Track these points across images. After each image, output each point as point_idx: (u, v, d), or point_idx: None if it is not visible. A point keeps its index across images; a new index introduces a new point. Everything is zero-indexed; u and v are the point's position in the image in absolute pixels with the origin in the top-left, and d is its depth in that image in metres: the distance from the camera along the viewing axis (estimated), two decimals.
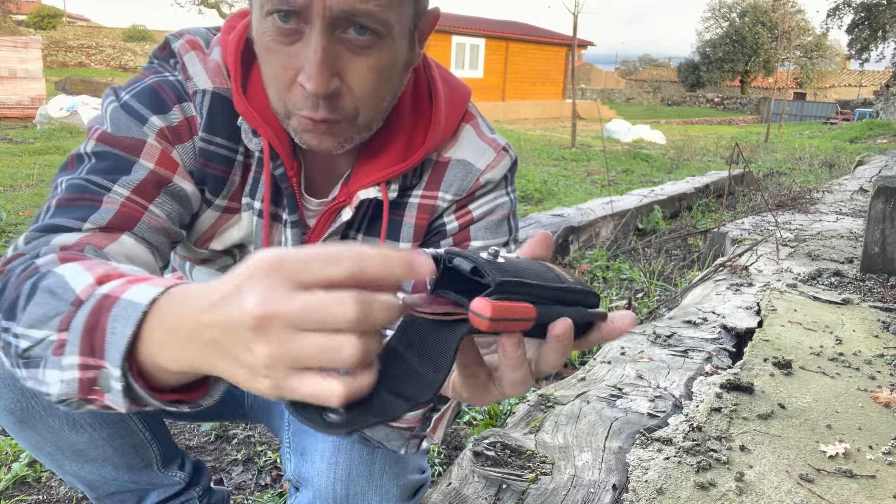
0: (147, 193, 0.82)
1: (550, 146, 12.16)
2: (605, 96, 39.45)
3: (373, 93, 0.79)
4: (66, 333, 0.55)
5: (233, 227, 0.95)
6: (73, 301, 0.57)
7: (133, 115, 0.84)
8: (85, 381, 0.54)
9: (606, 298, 3.25)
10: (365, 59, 0.76)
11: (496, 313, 0.46)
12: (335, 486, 0.97)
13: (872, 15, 29.10)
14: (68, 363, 0.55)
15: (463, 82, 1.01)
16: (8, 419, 0.95)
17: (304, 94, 0.76)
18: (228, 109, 0.88)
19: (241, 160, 0.91)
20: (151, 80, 0.87)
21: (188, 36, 0.90)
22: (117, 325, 0.52)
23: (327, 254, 0.44)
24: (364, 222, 0.97)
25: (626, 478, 1.34)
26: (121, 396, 0.52)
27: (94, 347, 0.53)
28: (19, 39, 10.70)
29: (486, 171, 0.96)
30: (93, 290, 0.57)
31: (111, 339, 0.52)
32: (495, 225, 0.98)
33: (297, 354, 0.44)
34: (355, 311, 0.43)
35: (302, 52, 0.74)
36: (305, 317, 0.43)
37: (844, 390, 1.81)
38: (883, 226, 3.05)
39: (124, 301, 0.53)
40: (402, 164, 0.91)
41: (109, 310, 0.53)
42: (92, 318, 0.54)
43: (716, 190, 6.47)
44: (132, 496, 1.13)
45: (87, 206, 0.77)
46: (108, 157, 0.81)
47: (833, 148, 13.34)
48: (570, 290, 0.54)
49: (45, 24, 33.86)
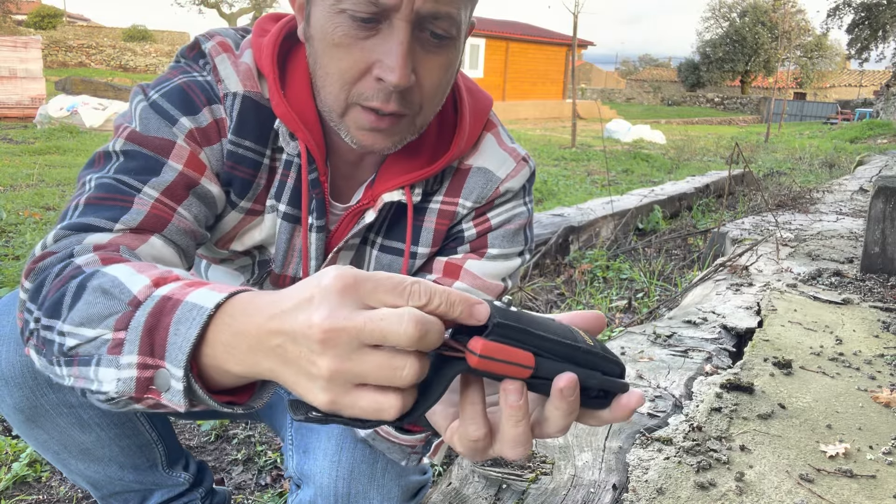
0: (176, 195, 0.82)
1: (550, 146, 12.16)
2: (605, 96, 39.46)
3: (438, 90, 0.83)
4: (123, 333, 0.56)
5: (255, 228, 0.95)
6: (131, 301, 0.57)
7: (162, 115, 0.84)
8: (143, 379, 0.54)
9: (606, 298, 3.26)
10: (436, 58, 0.79)
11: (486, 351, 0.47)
12: (337, 484, 0.97)
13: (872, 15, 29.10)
14: (126, 362, 0.55)
15: (485, 91, 1.02)
16: (17, 417, 0.95)
17: (377, 87, 0.77)
18: (257, 113, 0.88)
19: (268, 164, 0.92)
20: (180, 79, 0.87)
21: (219, 38, 0.89)
22: (181, 326, 0.53)
23: (398, 283, 0.47)
24: (384, 225, 0.98)
25: (626, 478, 1.34)
26: (181, 396, 0.53)
27: (153, 347, 0.54)
28: (19, 39, 10.70)
29: (505, 181, 0.98)
30: (151, 292, 0.57)
31: (173, 339, 0.53)
32: (512, 234, 0.99)
33: (360, 370, 0.46)
34: (417, 331, 0.45)
35: (379, 46, 0.76)
36: (370, 330, 0.45)
37: (844, 390, 1.81)
38: (883, 226, 3.05)
39: (188, 304, 0.54)
40: (427, 170, 0.92)
41: (172, 311, 0.54)
42: (152, 319, 0.55)
43: (716, 190, 6.47)
44: (136, 496, 1.14)
45: (118, 207, 0.77)
46: (137, 157, 0.81)
47: (833, 148, 13.34)
48: (588, 353, 0.52)
49: (45, 24, 33.86)
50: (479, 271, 0.97)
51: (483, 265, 0.97)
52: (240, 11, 33.78)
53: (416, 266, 1.00)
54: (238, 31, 0.93)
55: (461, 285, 0.96)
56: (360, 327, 0.45)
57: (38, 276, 0.68)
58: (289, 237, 0.95)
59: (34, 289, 0.67)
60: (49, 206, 4.56)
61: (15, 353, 0.91)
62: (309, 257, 0.95)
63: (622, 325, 2.77)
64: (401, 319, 0.45)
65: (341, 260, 0.98)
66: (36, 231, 3.75)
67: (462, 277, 0.96)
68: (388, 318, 0.45)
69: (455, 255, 0.98)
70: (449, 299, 0.47)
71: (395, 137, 0.83)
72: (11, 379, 0.92)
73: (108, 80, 16.27)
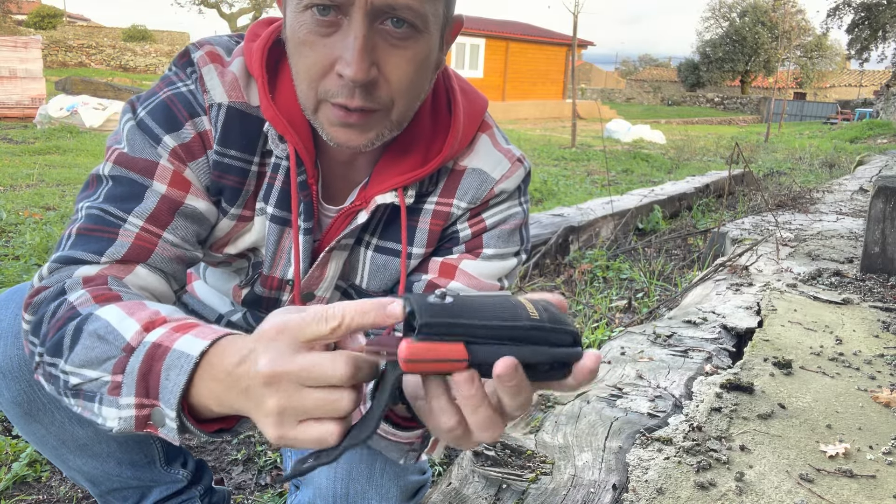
0: (161, 221, 0.85)
1: (550, 146, 12.16)
2: (605, 96, 39.45)
3: (408, 85, 0.81)
4: (120, 376, 0.64)
5: (246, 232, 0.96)
6: (125, 347, 0.65)
7: (147, 134, 0.87)
8: (141, 417, 0.63)
9: (606, 298, 3.25)
10: (402, 52, 0.78)
11: (412, 355, 0.49)
12: (336, 485, 0.97)
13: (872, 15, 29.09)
14: (125, 403, 0.63)
15: (480, 92, 1.02)
16: (15, 411, 0.96)
17: (340, 83, 0.77)
18: (242, 122, 0.89)
19: (256, 170, 0.93)
20: (165, 94, 0.89)
21: (208, 47, 0.90)
22: (171, 373, 0.61)
23: (319, 314, 0.53)
24: (379, 227, 0.99)
25: (626, 478, 1.34)
26: (175, 432, 0.61)
27: (148, 390, 0.62)
28: (19, 39, 10.70)
29: (500, 181, 0.98)
30: (142, 338, 0.65)
31: (165, 384, 0.61)
32: (507, 234, 1.00)
33: (303, 406, 0.53)
34: (349, 370, 0.53)
35: (340, 42, 0.76)
36: (307, 375, 0.53)
37: (844, 390, 1.81)
38: (883, 226, 3.05)
39: (176, 352, 0.61)
40: (420, 171, 0.92)
41: (162, 358, 0.62)
42: (145, 365, 0.62)
43: (716, 190, 6.47)
44: (134, 493, 1.14)
45: (104, 239, 0.82)
46: (123, 182, 0.85)
47: (833, 148, 13.34)
48: (532, 328, 0.52)
49: (45, 24, 33.86)
50: (475, 271, 0.97)
51: (478, 265, 0.98)
52: (239, 11, 33.75)
53: (410, 267, 1.00)
54: (233, 37, 0.94)
55: (457, 285, 0.96)
56: (297, 371, 0.53)
57: (37, 312, 0.76)
58: (277, 239, 0.96)
59: (34, 323, 0.75)
60: (49, 206, 4.56)
61: (13, 346, 0.92)
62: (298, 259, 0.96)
63: (622, 325, 2.77)
64: (334, 363, 0.52)
65: (334, 259, 0.98)
66: (36, 231, 3.75)
67: (457, 277, 0.97)
68: (322, 363, 0.53)
69: (451, 255, 0.98)
70: (361, 309, 0.53)
71: (371, 133, 0.82)
72: (9, 373, 0.92)
73: (108, 80, 16.27)
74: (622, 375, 1.87)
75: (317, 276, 0.99)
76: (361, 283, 1.02)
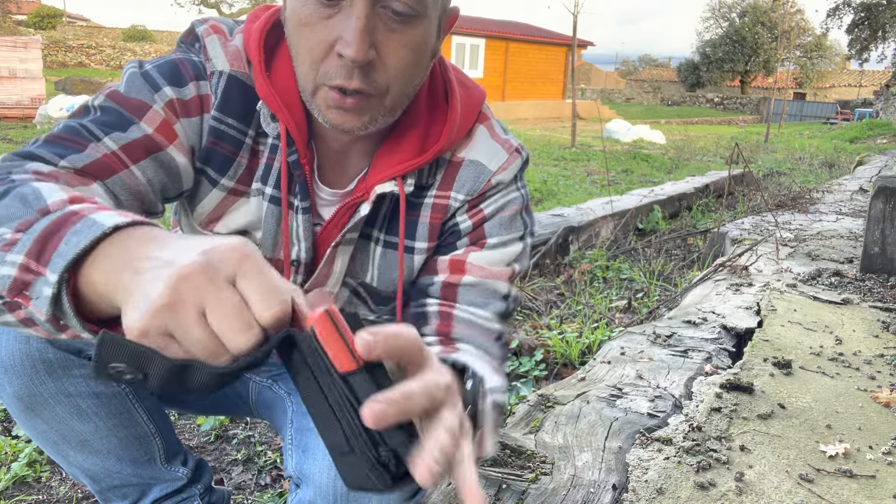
0: (134, 155, 0.83)
1: (550, 146, 12.17)
2: (605, 96, 39.46)
3: (404, 70, 0.82)
4: (21, 234, 0.57)
5: (239, 209, 0.97)
6: (41, 209, 0.59)
7: (148, 81, 0.87)
8: (18, 280, 0.55)
9: (606, 298, 3.25)
10: (400, 36, 0.80)
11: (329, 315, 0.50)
12: (336, 483, 0.97)
13: (872, 15, 29.12)
14: (11, 260, 0.56)
15: (478, 85, 1.03)
16: (16, 406, 0.96)
17: (339, 64, 0.79)
18: (242, 93, 0.91)
19: (250, 144, 0.93)
20: (175, 56, 0.91)
21: (212, 21, 0.93)
22: (73, 238, 0.53)
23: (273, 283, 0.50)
24: (385, 221, 0.99)
25: (625, 478, 1.34)
26: (46, 304, 0.53)
27: (42, 253, 0.54)
28: (19, 39, 10.71)
29: (497, 173, 0.98)
30: (63, 206, 0.58)
31: (62, 248, 0.53)
32: (508, 221, 1.00)
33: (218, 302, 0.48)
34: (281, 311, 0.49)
35: (341, 23, 0.77)
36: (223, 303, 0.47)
37: (844, 390, 1.81)
38: (883, 226, 3.05)
39: (90, 220, 0.55)
40: (418, 159, 0.93)
41: (73, 224, 0.55)
42: (52, 227, 0.55)
43: (716, 190, 6.47)
44: (134, 490, 1.14)
45: (71, 148, 0.78)
46: (111, 113, 0.84)
47: (833, 148, 13.35)
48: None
49: (45, 24, 33.86)
50: (484, 262, 0.98)
51: (485, 255, 0.98)
52: (239, 11, 33.78)
53: (416, 262, 1.00)
54: (236, 22, 0.96)
55: (470, 279, 0.96)
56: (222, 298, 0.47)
57: None
58: (277, 220, 0.96)
59: None
60: None
61: (14, 341, 0.92)
62: (298, 238, 0.96)
63: (622, 326, 2.77)
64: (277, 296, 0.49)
65: (340, 255, 0.99)
66: None
67: (469, 271, 0.97)
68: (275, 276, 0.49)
69: (456, 250, 0.99)
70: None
71: (365, 117, 0.84)
72: (11, 367, 0.92)
73: (107, 80, 16.29)
74: (622, 375, 1.87)
75: (325, 273, 0.99)
76: (372, 282, 1.03)
